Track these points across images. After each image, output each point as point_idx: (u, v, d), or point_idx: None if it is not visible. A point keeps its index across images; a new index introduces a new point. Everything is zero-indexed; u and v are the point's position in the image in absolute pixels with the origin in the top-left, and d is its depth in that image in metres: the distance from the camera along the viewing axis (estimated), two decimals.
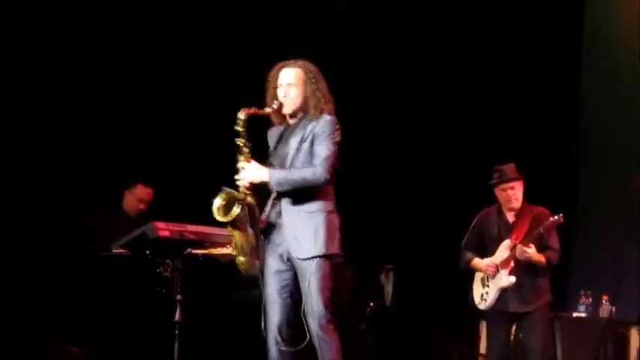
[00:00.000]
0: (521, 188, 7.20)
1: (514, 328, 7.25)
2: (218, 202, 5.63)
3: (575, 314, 8.62)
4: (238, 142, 5.61)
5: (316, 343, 5.57)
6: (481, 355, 8.60)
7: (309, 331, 5.58)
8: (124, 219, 8.15)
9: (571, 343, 7.34)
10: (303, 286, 5.58)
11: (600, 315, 8.61)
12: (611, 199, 7.63)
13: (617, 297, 8.13)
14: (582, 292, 8.53)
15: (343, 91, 5.90)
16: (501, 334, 7.13)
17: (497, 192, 7.23)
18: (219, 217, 5.62)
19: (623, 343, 8.48)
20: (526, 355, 7.13)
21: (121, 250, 7.10)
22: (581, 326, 8.05)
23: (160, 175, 8.52)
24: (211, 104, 8.93)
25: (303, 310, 5.59)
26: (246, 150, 5.61)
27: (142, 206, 8.26)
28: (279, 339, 5.63)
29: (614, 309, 8.39)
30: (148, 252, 6.91)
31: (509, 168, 7.23)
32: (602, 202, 7.24)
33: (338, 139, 5.66)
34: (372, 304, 7.99)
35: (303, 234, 5.59)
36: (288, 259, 5.65)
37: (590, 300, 8.71)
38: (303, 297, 5.59)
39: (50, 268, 7.41)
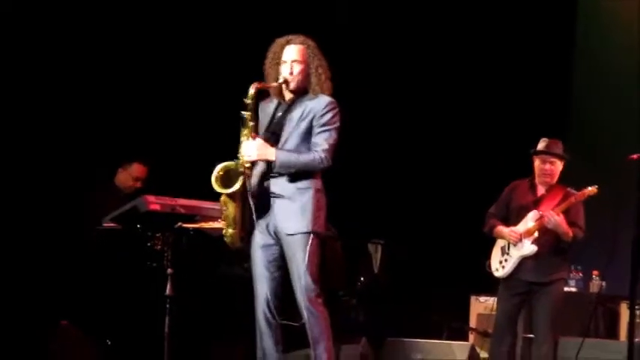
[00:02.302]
0: (560, 168, 7.21)
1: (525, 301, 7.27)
2: (218, 171, 5.62)
3: (565, 289, 8.63)
4: (245, 115, 5.61)
5: (305, 317, 5.60)
6: (471, 329, 8.65)
7: (297, 304, 5.61)
8: (116, 195, 8.16)
9: (561, 318, 7.36)
10: (290, 261, 5.60)
11: (590, 290, 8.65)
12: (601, 174, 7.63)
13: (608, 272, 8.14)
14: (572, 267, 8.55)
15: (338, 73, 5.91)
16: (513, 299, 7.20)
17: (536, 162, 7.24)
18: (217, 188, 5.62)
19: (614, 317, 8.53)
20: (535, 323, 7.19)
21: (112, 224, 7.12)
22: (572, 301, 8.06)
23: (154, 151, 8.53)
24: (205, 85, 8.95)
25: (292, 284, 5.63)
26: (251, 124, 5.62)
27: (138, 184, 8.29)
28: (267, 313, 5.66)
29: (604, 284, 8.42)
30: (138, 226, 6.93)
31: (556, 144, 7.23)
32: (594, 180, 7.24)
33: (338, 123, 5.70)
34: (362, 279, 7.99)
35: (291, 210, 5.62)
36: (275, 234, 5.67)
37: (581, 275, 8.75)
38: (291, 272, 5.61)
39: (42, 244, 7.43)
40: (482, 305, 8.67)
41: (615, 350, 7.50)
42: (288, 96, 5.77)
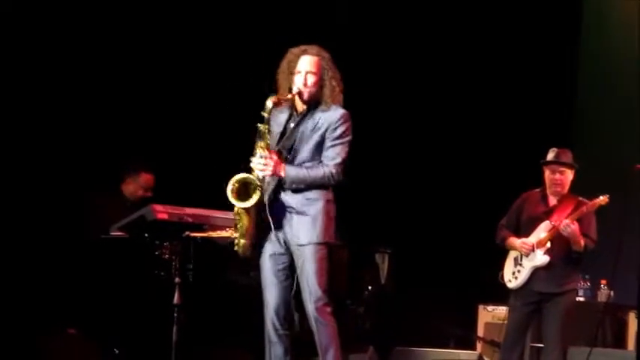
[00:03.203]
0: (571, 177, 7.20)
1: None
2: (233, 183, 5.62)
3: None
4: (262, 128, 5.61)
5: (313, 326, 5.61)
6: (479, 338, 8.63)
7: (306, 313, 5.61)
8: (122, 202, 8.15)
9: (568, 327, 7.34)
10: (300, 270, 5.61)
11: (598, 299, 8.62)
12: (609, 184, 7.61)
13: (616, 281, 8.12)
14: (581, 277, 8.53)
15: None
16: (524, 309, 7.18)
17: (546, 172, 7.22)
18: (233, 200, 5.60)
19: (621, 327, 8.50)
20: (545, 333, 7.17)
21: (120, 233, 7.11)
22: (580, 310, 8.04)
23: (161, 159, 8.52)
24: (211, 93, 8.95)
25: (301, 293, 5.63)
26: (268, 137, 5.63)
27: (148, 193, 8.27)
28: (276, 321, 5.66)
29: (612, 293, 8.39)
30: (146, 235, 6.92)
31: (565, 153, 7.21)
32: (600, 188, 7.24)
33: (350, 137, 5.72)
34: (369, 287, 8.00)
35: (302, 221, 5.63)
36: (285, 243, 5.67)
37: (589, 284, 8.72)
38: (300, 281, 5.62)
39: (49, 252, 7.42)
40: (490, 314, 8.66)
41: None
42: (300, 107, 5.76)
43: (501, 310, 8.24)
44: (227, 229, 6.67)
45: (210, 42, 9.10)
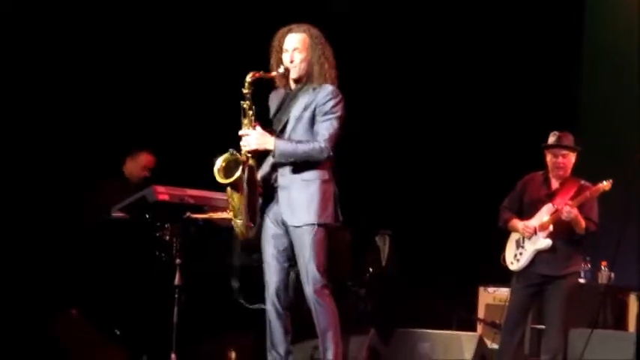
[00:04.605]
0: (573, 160, 7.18)
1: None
2: (219, 163, 5.63)
3: None
4: (243, 105, 5.61)
5: (312, 308, 5.60)
6: (479, 319, 8.65)
7: (305, 295, 5.62)
8: (125, 184, 8.16)
9: (570, 309, 7.36)
10: (297, 252, 5.61)
11: (599, 281, 8.64)
12: (613, 169, 7.62)
13: (616, 263, 8.13)
14: (582, 259, 8.53)
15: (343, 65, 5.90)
16: (526, 290, 7.17)
17: (548, 155, 7.20)
18: (220, 179, 5.63)
19: (622, 308, 8.52)
20: (546, 316, 7.18)
21: (121, 214, 7.13)
22: (581, 292, 8.06)
23: (162, 140, 8.53)
24: (211, 71, 8.94)
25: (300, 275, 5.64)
26: (250, 113, 5.61)
27: (145, 173, 8.28)
28: (276, 302, 5.66)
29: (612, 275, 8.41)
30: (147, 216, 6.94)
31: (567, 136, 7.19)
32: (601, 170, 7.24)
33: (340, 112, 5.66)
34: (370, 269, 8.01)
35: (298, 202, 5.61)
36: (283, 224, 5.66)
37: (589, 266, 8.73)
38: (298, 263, 5.61)
39: (50, 234, 7.44)
40: (491, 296, 8.68)
41: (624, 341, 7.50)
42: (293, 85, 5.76)
43: (502, 292, 8.27)
44: (228, 210, 6.69)
45: (209, 25, 9.10)
